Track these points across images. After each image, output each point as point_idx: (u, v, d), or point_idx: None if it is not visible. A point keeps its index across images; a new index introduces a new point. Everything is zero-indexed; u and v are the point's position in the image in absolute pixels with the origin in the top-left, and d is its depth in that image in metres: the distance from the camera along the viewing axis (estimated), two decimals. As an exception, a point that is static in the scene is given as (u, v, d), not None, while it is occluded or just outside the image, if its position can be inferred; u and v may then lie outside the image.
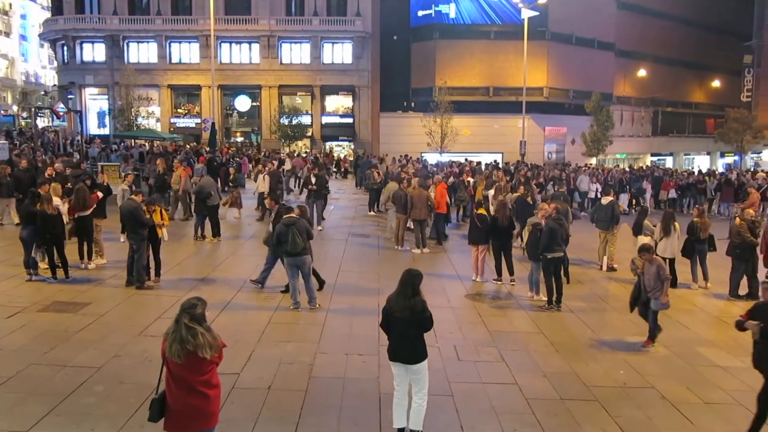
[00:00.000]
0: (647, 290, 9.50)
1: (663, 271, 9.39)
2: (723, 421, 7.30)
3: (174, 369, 5.11)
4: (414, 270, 6.67)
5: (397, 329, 6.48)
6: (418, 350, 6.47)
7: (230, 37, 47.29)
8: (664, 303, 9.39)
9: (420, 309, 6.39)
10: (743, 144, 51.14)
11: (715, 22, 66.56)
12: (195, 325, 5.07)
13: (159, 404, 5.20)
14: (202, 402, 5.16)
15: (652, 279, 9.40)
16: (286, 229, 10.56)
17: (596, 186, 25.59)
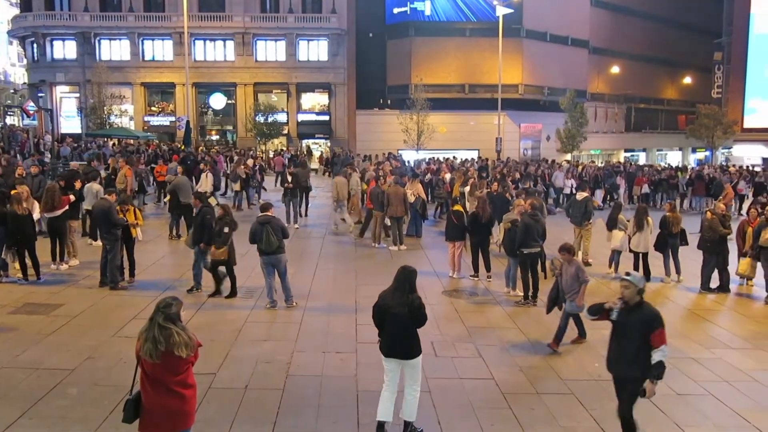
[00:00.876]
0: (565, 291, 9.15)
1: (582, 273, 9.07)
2: (694, 411, 7.43)
3: (148, 369, 5.06)
4: (410, 267, 6.85)
5: (392, 325, 6.54)
6: (415, 345, 6.59)
7: (204, 35, 46.85)
8: (579, 306, 8.97)
9: (417, 305, 6.55)
10: (714, 139, 51.97)
11: (686, 20, 67.55)
12: (169, 324, 5.03)
13: (133, 405, 5.15)
14: (178, 402, 5.11)
15: (570, 280, 9.08)
16: (261, 227, 10.51)
17: (571, 182, 25.86)
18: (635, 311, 6.10)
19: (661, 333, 5.97)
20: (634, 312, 6.10)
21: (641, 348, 6.00)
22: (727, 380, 8.36)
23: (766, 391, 8.07)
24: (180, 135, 41.46)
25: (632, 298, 6.12)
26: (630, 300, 6.12)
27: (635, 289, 6.09)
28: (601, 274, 14.02)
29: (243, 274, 12.87)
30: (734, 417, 7.30)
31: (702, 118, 51.78)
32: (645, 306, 6.15)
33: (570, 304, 9.12)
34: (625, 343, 6.12)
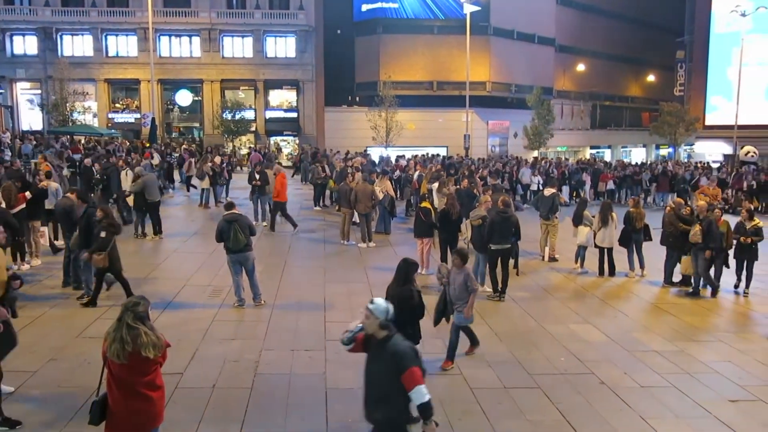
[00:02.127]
0: (453, 302, 8.35)
1: (471, 281, 8.29)
2: (658, 403, 7.58)
3: (115, 370, 4.96)
4: (410, 259, 7.18)
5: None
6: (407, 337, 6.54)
7: (170, 30, 46.12)
8: (467, 317, 8.34)
9: (407, 296, 6.72)
10: (677, 137, 53.02)
11: (649, 19, 68.85)
12: (138, 324, 4.94)
13: (100, 407, 5.06)
14: (145, 404, 5.02)
15: (459, 289, 8.28)
16: (228, 225, 10.40)
17: (538, 179, 26.17)
18: (382, 347, 5.01)
19: (413, 373, 4.85)
20: (380, 348, 5.01)
21: (393, 389, 4.92)
22: (689, 372, 8.55)
23: (726, 383, 8.27)
24: (145, 132, 40.74)
25: (376, 332, 5.05)
26: (374, 333, 5.06)
27: (376, 321, 5.02)
28: (567, 270, 14.22)
29: (210, 273, 12.78)
30: (696, 408, 7.47)
31: (665, 115, 52.77)
32: (393, 341, 4.99)
33: (458, 315, 8.34)
34: (372, 382, 5.06)
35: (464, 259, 8.45)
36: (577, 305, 11.66)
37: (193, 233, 17.14)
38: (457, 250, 8.63)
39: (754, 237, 12.12)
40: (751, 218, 12.36)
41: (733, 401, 7.70)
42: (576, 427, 6.89)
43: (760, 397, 7.78)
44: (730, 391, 8.01)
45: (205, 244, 14.87)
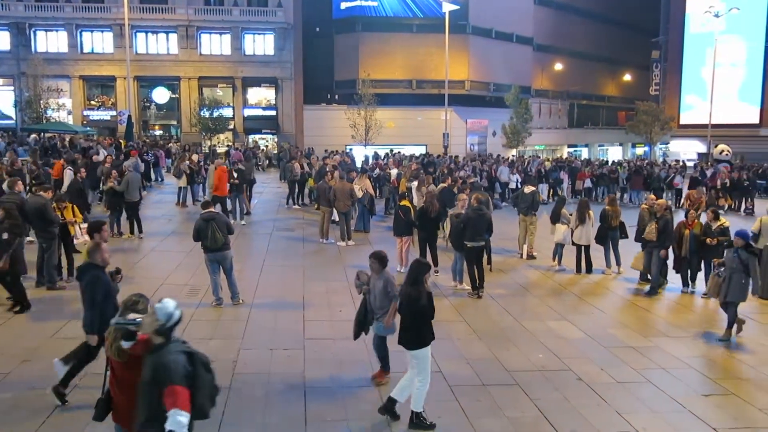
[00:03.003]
0: (374, 310, 7.60)
1: (392, 287, 7.45)
2: (634, 398, 7.67)
3: (116, 368, 5.03)
4: (421, 260, 7.26)
5: (402, 315, 6.85)
6: (415, 337, 6.70)
7: (146, 27, 45.63)
8: (388, 327, 7.54)
9: (414, 297, 6.67)
10: (652, 135, 53.73)
11: (625, 19, 69.63)
12: None
13: (104, 404, 5.16)
14: None
15: (379, 296, 7.51)
16: (206, 224, 10.32)
17: (516, 177, 26.35)
18: (154, 354, 4.45)
19: (174, 392, 4.22)
20: (152, 355, 4.46)
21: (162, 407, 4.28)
22: (664, 367, 8.67)
23: (700, 377, 8.41)
24: (121, 130, 40.31)
25: (152, 336, 4.47)
26: (150, 336, 4.49)
27: (156, 323, 4.42)
28: (545, 267, 14.34)
29: (187, 272, 12.66)
30: (670, 402, 7.57)
31: (641, 114, 53.46)
32: (164, 351, 4.42)
33: (378, 325, 7.62)
34: (143, 395, 4.47)
35: (383, 262, 7.60)
36: (555, 302, 11.76)
37: (171, 232, 16.98)
38: (375, 253, 7.72)
39: (720, 237, 11.96)
40: (716, 218, 12.25)
41: (706, 395, 7.83)
42: (554, 423, 6.95)
43: (733, 391, 7.91)
44: (703, 385, 8.14)
45: (183, 243, 14.73)
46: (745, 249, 9.78)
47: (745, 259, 9.68)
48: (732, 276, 9.68)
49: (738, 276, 9.64)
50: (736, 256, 9.75)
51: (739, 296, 9.75)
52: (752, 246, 10.09)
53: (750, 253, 9.80)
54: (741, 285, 9.68)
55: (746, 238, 9.94)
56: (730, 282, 9.69)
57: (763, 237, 12.80)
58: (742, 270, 9.65)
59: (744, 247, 9.79)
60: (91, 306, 6.61)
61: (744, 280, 9.69)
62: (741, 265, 9.66)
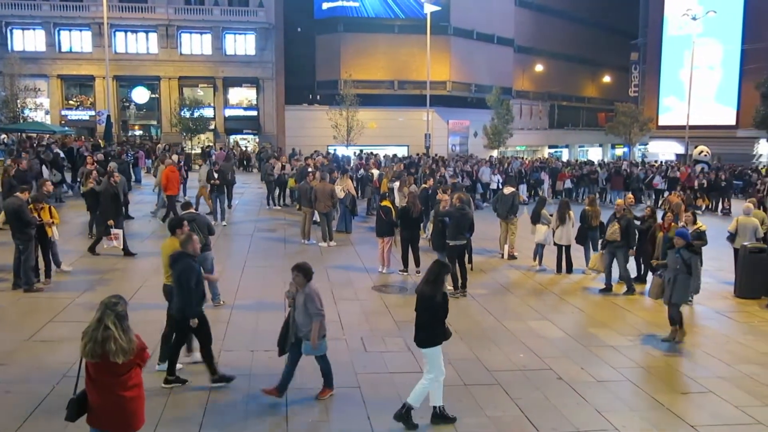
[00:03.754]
0: (298, 327, 7.08)
1: (313, 303, 6.89)
2: (613, 396, 7.74)
3: (91, 369, 4.97)
4: (440, 262, 7.21)
5: (416, 313, 6.87)
6: (423, 336, 6.77)
7: (125, 26, 45.18)
8: (314, 347, 7.01)
9: (427, 295, 6.69)
10: (631, 136, 54.32)
11: (605, 21, 70.30)
12: (116, 326, 4.90)
13: (76, 404, 5.07)
14: (121, 403, 5.01)
15: (301, 313, 6.99)
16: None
17: (497, 177, 26.48)
18: None
19: None
20: None
21: None
22: (642, 366, 8.77)
23: (677, 375, 8.52)
24: (100, 130, 39.86)
25: None
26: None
27: None
28: (526, 267, 14.43)
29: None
30: (649, 400, 7.66)
31: (620, 115, 54.02)
32: None
33: (305, 345, 7.07)
34: None
35: (307, 275, 7.02)
36: (536, 302, 11.83)
37: (151, 233, 16.82)
38: (298, 265, 7.14)
39: (696, 241, 11.40)
40: (694, 222, 12.05)
41: (684, 393, 7.93)
42: (534, 423, 6.99)
43: (710, 389, 8.02)
44: (682, 383, 8.25)
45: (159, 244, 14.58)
46: (686, 249, 9.62)
47: (687, 258, 9.53)
48: (676, 277, 9.54)
49: (682, 277, 9.52)
50: (678, 257, 9.58)
51: (683, 297, 9.68)
52: (693, 245, 9.92)
53: (692, 253, 9.65)
54: (685, 286, 9.57)
55: (686, 238, 9.77)
56: (674, 283, 9.55)
57: (740, 237, 13.03)
58: (685, 270, 9.51)
59: (685, 247, 9.62)
60: (187, 291, 7.27)
61: (688, 281, 9.56)
62: (684, 265, 9.51)
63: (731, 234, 13.38)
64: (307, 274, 7.02)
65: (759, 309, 11.80)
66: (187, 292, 7.27)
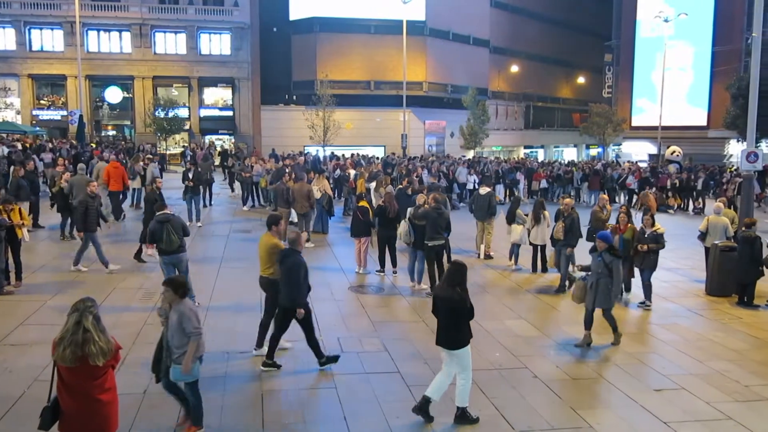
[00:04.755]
0: (170, 348, 6.24)
1: (191, 321, 6.10)
2: (588, 394, 7.83)
3: (65, 375, 4.89)
4: (459, 262, 7.21)
5: (441, 316, 6.98)
6: (457, 337, 6.87)
7: (98, 25, 44.49)
8: (185, 372, 6.15)
9: (458, 299, 6.81)
10: (605, 137, 54.98)
11: (579, 23, 71.05)
12: (95, 328, 4.87)
13: (50, 412, 4.99)
14: (97, 407, 4.97)
15: (175, 333, 6.17)
16: (160, 226, 10.13)
17: (474, 177, 26.61)
18: None
19: None
20: None
21: None
22: (617, 364, 8.88)
23: (649, 371, 8.64)
24: (72, 130, 39.25)
25: None
26: None
27: None
28: (502, 267, 14.52)
29: (141, 276, 12.41)
30: (623, 398, 7.75)
31: (594, 116, 54.64)
32: None
33: (174, 369, 6.25)
34: None
35: (177, 289, 6.21)
36: (512, 301, 11.92)
37: (125, 234, 16.61)
38: (169, 279, 6.51)
39: (652, 244, 11.44)
40: (652, 224, 11.67)
41: (658, 390, 8.04)
42: (510, 421, 7.03)
43: (683, 385, 8.14)
44: (655, 380, 8.36)
45: (137, 245, 14.42)
46: (608, 252, 9.22)
47: (609, 262, 9.13)
48: (599, 281, 9.19)
49: (605, 281, 9.16)
50: (600, 260, 9.21)
51: (607, 302, 9.29)
52: (615, 249, 9.55)
53: (614, 256, 9.22)
54: (608, 290, 9.20)
55: (608, 241, 9.35)
56: (597, 288, 9.19)
57: (711, 235, 13.25)
58: (607, 274, 9.13)
59: (608, 250, 9.23)
60: (297, 284, 7.92)
61: (610, 285, 9.18)
62: (606, 269, 9.14)
63: (702, 233, 13.60)
64: (178, 289, 6.20)
65: (729, 306, 12.00)
66: (296, 285, 7.92)
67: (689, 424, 7.11)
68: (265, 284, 8.69)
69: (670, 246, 17.85)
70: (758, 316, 11.48)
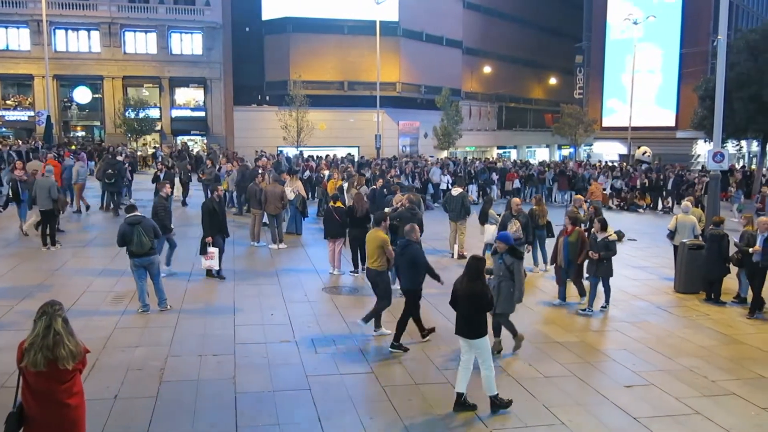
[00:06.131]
0: None
1: None
2: (560, 391, 7.90)
3: (32, 380, 4.79)
4: (478, 256, 7.49)
5: (460, 308, 7.28)
6: (477, 328, 7.16)
7: (66, 23, 43.71)
8: None
9: (479, 292, 7.14)
10: (577, 137, 55.65)
11: (550, 25, 71.76)
12: (64, 332, 4.81)
13: (15, 418, 4.88)
14: (64, 411, 4.87)
15: None
16: (131, 228, 9.99)
17: (447, 178, 26.72)
18: None
19: None
20: None
21: None
22: (588, 361, 8.98)
23: (620, 368, 8.76)
24: (40, 131, 38.52)
25: None
26: None
27: None
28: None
29: (112, 278, 12.23)
30: (594, 395, 7.86)
31: (565, 117, 55.27)
32: None
33: None
34: None
35: None
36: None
37: (94, 237, 16.35)
38: None
39: (603, 252, 11.03)
40: (603, 229, 11.31)
41: (628, 386, 8.15)
42: (483, 419, 7.07)
43: (652, 382, 8.27)
44: (626, 377, 8.48)
45: (107, 248, 14.22)
46: (509, 253, 8.65)
47: (510, 264, 8.58)
48: (500, 284, 8.60)
49: (506, 284, 8.60)
50: (501, 262, 8.63)
51: (509, 307, 8.76)
52: (516, 249, 8.90)
53: (515, 258, 8.66)
54: (510, 294, 8.64)
55: (508, 242, 8.80)
56: (499, 292, 8.55)
57: (679, 234, 13.49)
58: (509, 277, 8.59)
59: (508, 251, 8.66)
60: (416, 270, 8.98)
61: (512, 288, 8.62)
62: (507, 271, 8.59)
63: (671, 231, 13.84)
64: None
65: (698, 303, 12.23)
66: (416, 271, 8.94)
67: (659, 420, 7.22)
68: (373, 275, 9.60)
69: (640, 244, 18.25)
70: (725, 312, 11.71)
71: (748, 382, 8.37)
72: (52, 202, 14.39)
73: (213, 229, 12.47)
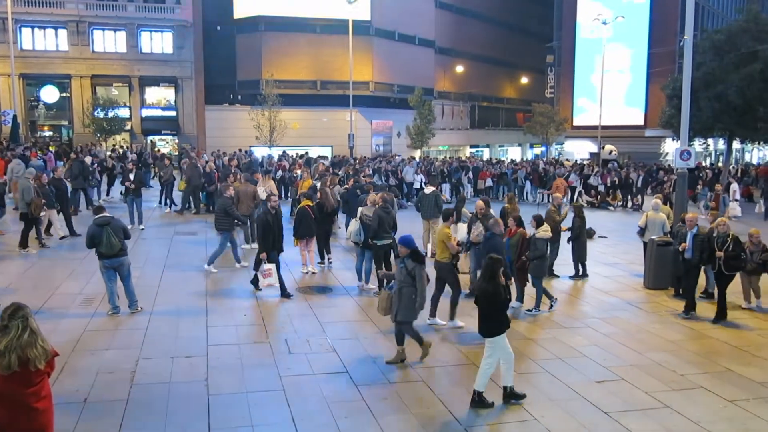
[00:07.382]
0: None
1: None
2: (533, 388, 7.98)
3: (0, 384, 4.68)
4: (496, 256, 7.65)
5: (480, 307, 7.48)
6: (489, 327, 7.40)
7: (32, 21, 42.81)
8: None
9: (491, 292, 7.31)
10: (548, 136, 56.22)
11: (521, 25, 72.42)
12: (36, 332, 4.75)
13: None
14: (33, 416, 4.80)
15: None
16: (100, 229, 9.83)
17: (420, 177, 26.80)
18: None
19: None
20: None
21: None
22: (560, 357, 9.08)
23: (592, 364, 8.87)
24: (6, 131, 37.69)
25: None
26: None
27: None
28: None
29: (81, 280, 12.03)
30: (566, 390, 7.94)
31: (537, 116, 55.79)
32: None
33: None
34: None
35: None
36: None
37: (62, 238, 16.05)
38: None
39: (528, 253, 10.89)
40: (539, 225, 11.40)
41: (599, 382, 8.27)
42: (458, 417, 7.11)
43: (623, 376, 8.40)
44: (597, 372, 8.59)
45: (76, 249, 13.99)
46: (411, 257, 8.29)
47: (411, 269, 8.22)
48: (401, 290, 8.26)
49: (407, 290, 8.24)
50: (402, 267, 8.29)
51: (410, 314, 8.36)
52: (419, 254, 8.44)
53: (416, 262, 8.27)
54: (411, 301, 8.26)
55: (410, 245, 8.42)
56: (400, 298, 8.26)
57: (649, 231, 13.71)
58: (410, 283, 8.22)
59: (410, 255, 8.31)
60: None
61: (414, 295, 8.25)
62: (409, 276, 8.22)
63: (641, 228, 14.05)
64: None
65: (667, 299, 12.44)
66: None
67: (629, 414, 7.34)
68: (439, 267, 10.15)
69: (610, 241, 18.51)
70: (693, 307, 11.91)
71: (716, 376, 8.55)
72: (26, 205, 14.14)
73: (266, 244, 11.51)
